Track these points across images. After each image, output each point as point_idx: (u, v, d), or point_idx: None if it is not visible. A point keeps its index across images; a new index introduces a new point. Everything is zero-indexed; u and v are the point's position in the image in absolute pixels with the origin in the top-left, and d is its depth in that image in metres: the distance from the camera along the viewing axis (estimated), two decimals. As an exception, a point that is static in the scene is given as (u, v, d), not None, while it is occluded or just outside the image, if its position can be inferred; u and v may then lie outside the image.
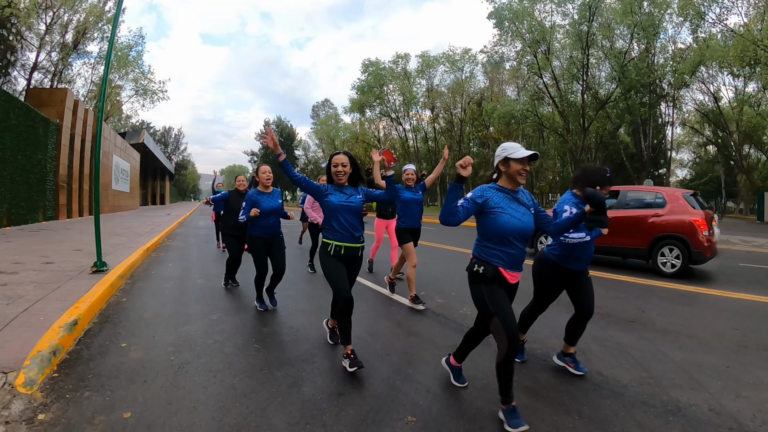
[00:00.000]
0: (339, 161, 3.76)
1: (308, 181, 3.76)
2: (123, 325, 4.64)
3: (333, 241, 3.66)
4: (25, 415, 2.69)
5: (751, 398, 3.20)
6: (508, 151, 2.88)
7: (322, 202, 3.71)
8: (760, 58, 24.75)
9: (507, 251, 2.82)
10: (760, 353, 4.18)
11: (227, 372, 3.46)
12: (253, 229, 5.38)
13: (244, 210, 5.26)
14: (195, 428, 2.60)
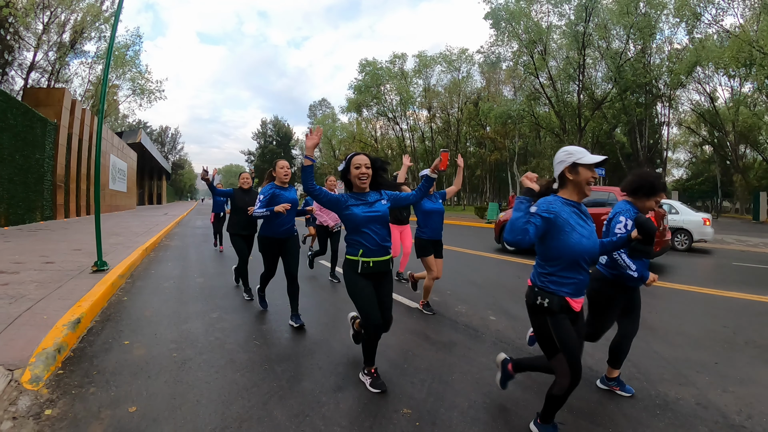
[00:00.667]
0: (362, 162, 3.25)
1: (326, 194, 3.23)
2: (125, 324, 4.72)
3: (359, 257, 3.22)
4: (32, 410, 2.77)
5: (737, 393, 3.29)
6: (576, 156, 2.48)
7: (344, 215, 3.25)
8: (755, 59, 24.94)
9: (576, 278, 2.47)
10: (748, 350, 4.27)
11: (229, 367, 3.55)
12: (265, 229, 4.93)
13: (261, 203, 4.81)
14: (199, 421, 2.69)
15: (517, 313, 5.45)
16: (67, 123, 20.09)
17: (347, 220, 3.24)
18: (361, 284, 3.22)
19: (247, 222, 6.03)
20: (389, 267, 3.34)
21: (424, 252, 5.43)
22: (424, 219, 5.47)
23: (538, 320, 2.52)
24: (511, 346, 4.27)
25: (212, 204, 11.74)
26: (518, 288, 7.00)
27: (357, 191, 3.32)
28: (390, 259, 3.35)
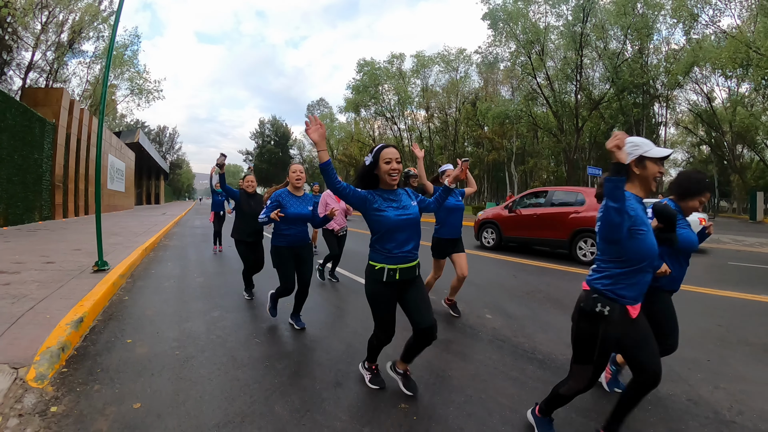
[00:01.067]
0: (392, 156, 2.88)
1: (354, 192, 2.89)
2: (127, 322, 4.78)
3: (385, 264, 2.89)
4: (37, 407, 2.82)
5: (729, 390, 3.35)
6: (644, 148, 2.30)
7: (373, 216, 2.89)
8: (752, 59, 25.05)
9: (642, 281, 2.28)
10: (741, 348, 4.32)
11: (230, 365, 3.62)
12: (277, 239, 4.56)
13: (266, 209, 4.47)
14: (202, 417, 2.76)
15: (513, 312, 5.53)
16: (65, 123, 20.10)
17: (376, 222, 2.88)
18: (384, 295, 2.95)
19: (252, 228, 5.82)
20: (417, 273, 3.04)
21: (441, 253, 5.23)
22: (445, 217, 5.19)
23: (589, 327, 2.31)
24: (507, 344, 4.34)
25: (211, 203, 11.44)
26: (515, 287, 7.08)
27: (385, 188, 2.97)
28: (417, 264, 3.03)
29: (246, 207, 5.92)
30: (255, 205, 5.90)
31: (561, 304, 5.96)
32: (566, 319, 4.77)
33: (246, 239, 5.87)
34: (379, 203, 2.88)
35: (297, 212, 4.52)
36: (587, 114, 33.68)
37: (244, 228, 5.88)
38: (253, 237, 5.88)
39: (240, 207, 5.99)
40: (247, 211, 5.86)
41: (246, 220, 5.81)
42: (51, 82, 28.13)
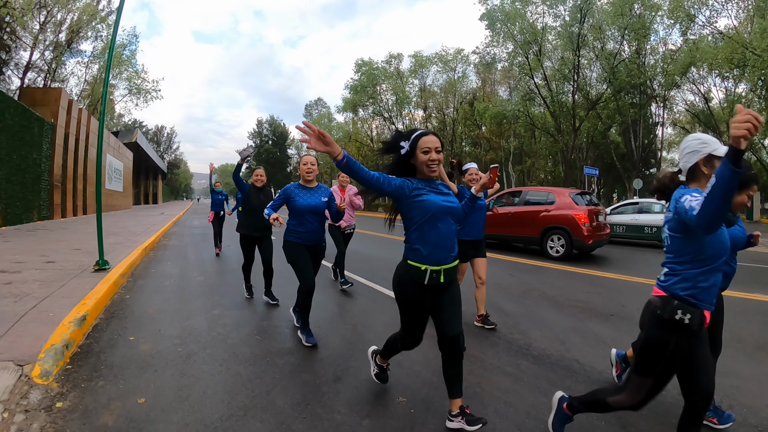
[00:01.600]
0: (433, 145, 2.57)
1: (389, 180, 2.50)
2: (129, 321, 4.85)
3: (426, 264, 2.53)
4: (43, 403, 2.88)
5: (719, 385, 3.18)
6: (712, 146, 2.15)
7: (413, 202, 2.54)
8: (748, 60, 25.17)
9: (716, 282, 2.09)
10: (733, 345, 4.35)
11: (232, 361, 3.70)
12: (289, 234, 4.39)
13: (273, 202, 4.45)
14: (206, 410, 2.84)
15: (509, 310, 5.65)
16: (63, 123, 20.10)
17: (417, 208, 2.52)
18: (420, 300, 2.63)
19: (261, 223, 5.59)
20: (456, 274, 2.73)
21: (462, 256, 4.71)
22: (468, 218, 4.39)
23: (662, 337, 2.09)
24: (502, 340, 4.43)
25: (211, 202, 11.01)
26: (511, 286, 7.17)
27: (423, 177, 2.65)
28: (458, 264, 2.84)
29: (255, 201, 5.65)
30: (264, 199, 5.65)
31: (556, 302, 6.05)
32: (561, 317, 4.88)
33: (253, 234, 5.76)
34: (419, 187, 2.56)
35: (308, 203, 4.32)
36: (584, 114, 33.77)
37: (251, 223, 5.69)
38: (260, 232, 5.74)
39: (248, 201, 5.70)
40: (255, 205, 5.57)
41: (254, 214, 5.56)
42: (49, 82, 28.13)
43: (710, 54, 27.78)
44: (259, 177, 5.90)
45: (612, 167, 40.05)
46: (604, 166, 43.16)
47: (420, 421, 2.74)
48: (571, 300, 6.14)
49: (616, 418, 2.83)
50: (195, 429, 2.60)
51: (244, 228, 5.80)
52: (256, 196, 5.71)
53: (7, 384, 3.01)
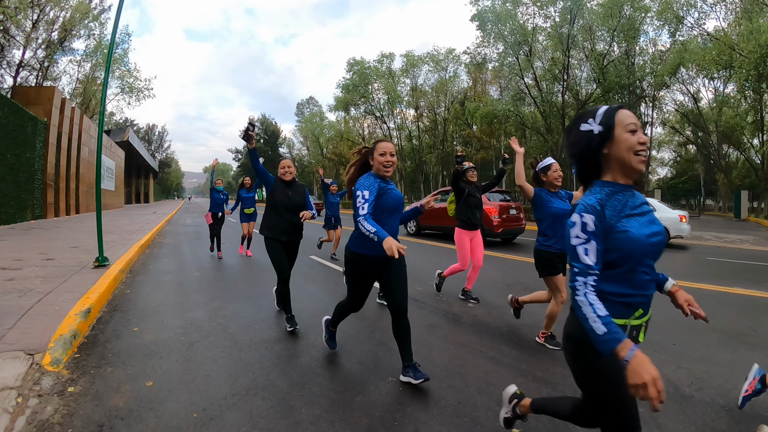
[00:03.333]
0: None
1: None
2: (132, 313, 5.06)
3: (627, 319, 1.68)
4: (55, 388, 3.09)
5: (691, 369, 3.62)
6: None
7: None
8: (734, 61, 25.57)
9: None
10: (707, 334, 4.58)
11: (233, 347, 3.94)
12: (359, 244, 3.27)
13: (367, 202, 3.03)
14: (211, 391, 3.07)
15: (494, 302, 5.91)
16: (56, 121, 20.18)
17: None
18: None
19: (290, 224, 4.74)
20: None
21: (552, 269, 4.18)
22: (552, 224, 4.13)
23: None
24: (486, 328, 4.70)
25: (210, 202, 10.28)
26: (497, 280, 7.43)
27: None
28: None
29: (280, 197, 4.80)
30: (294, 195, 4.84)
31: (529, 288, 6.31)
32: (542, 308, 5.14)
33: (280, 237, 4.73)
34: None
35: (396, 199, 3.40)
36: (574, 114, 34.09)
37: (278, 223, 4.76)
38: (288, 236, 4.75)
39: (273, 198, 4.84)
40: (282, 202, 4.76)
41: (281, 214, 4.76)
42: (41, 80, 28.11)
43: (698, 55, 28.19)
44: (287, 170, 4.93)
45: (601, 166, 40.39)
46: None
47: (407, 397, 2.99)
48: (529, 286, 6.44)
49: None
50: (202, 407, 2.83)
51: (269, 230, 4.81)
52: (282, 192, 4.82)
53: (19, 371, 3.20)
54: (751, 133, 34.33)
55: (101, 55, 31.92)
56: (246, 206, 10.17)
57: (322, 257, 9.62)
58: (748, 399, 2.92)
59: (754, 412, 2.90)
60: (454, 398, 3.01)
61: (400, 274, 3.30)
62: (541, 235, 4.21)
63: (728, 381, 3.35)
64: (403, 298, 3.25)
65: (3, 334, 3.78)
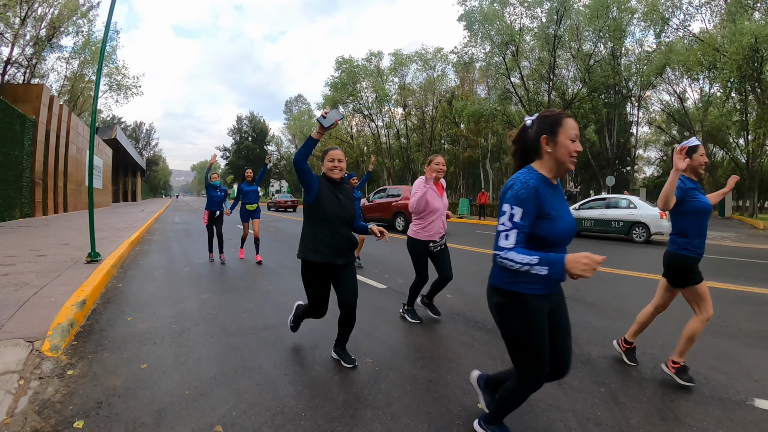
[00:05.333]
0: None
1: None
2: (125, 305, 5.29)
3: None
4: (55, 372, 3.31)
5: (654, 354, 3.85)
6: None
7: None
8: (717, 62, 26.05)
9: None
10: (675, 324, 4.69)
11: (222, 334, 4.21)
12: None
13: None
14: (201, 372, 3.33)
15: (470, 293, 6.23)
16: (45, 119, 20.14)
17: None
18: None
19: (347, 242, 3.42)
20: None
21: (693, 278, 3.43)
22: (693, 223, 3.38)
23: None
24: (461, 316, 5.00)
25: (206, 200, 9.03)
26: (476, 273, 7.76)
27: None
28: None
29: (328, 203, 3.35)
30: (346, 201, 3.48)
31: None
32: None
33: (335, 260, 3.35)
34: None
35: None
36: (560, 113, 34.48)
37: (329, 240, 3.33)
38: (346, 256, 3.43)
39: (321, 206, 3.34)
40: (330, 210, 3.34)
41: (336, 228, 3.35)
42: (29, 78, 27.99)
43: (683, 56, 28.67)
44: (337, 164, 3.44)
45: (587, 165, 41.08)
46: (580, 164, 44.15)
47: (382, 376, 3.27)
48: None
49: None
50: (193, 385, 3.09)
51: (315, 250, 3.34)
52: (332, 198, 3.39)
53: (20, 357, 3.41)
54: (736, 132, 34.97)
55: (89, 52, 31.86)
56: (248, 201, 8.79)
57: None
58: None
59: (713, 394, 3.14)
60: (426, 377, 3.29)
61: None
62: (680, 236, 3.45)
63: (691, 365, 3.52)
64: None
65: (2, 323, 3.99)
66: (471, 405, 2.87)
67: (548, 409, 2.86)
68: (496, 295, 2.20)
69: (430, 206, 4.53)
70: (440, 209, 4.61)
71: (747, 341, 4.34)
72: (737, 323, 4.96)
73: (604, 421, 2.70)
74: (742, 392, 3.16)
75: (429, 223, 4.59)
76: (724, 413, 2.84)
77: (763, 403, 2.98)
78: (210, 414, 2.69)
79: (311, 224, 3.41)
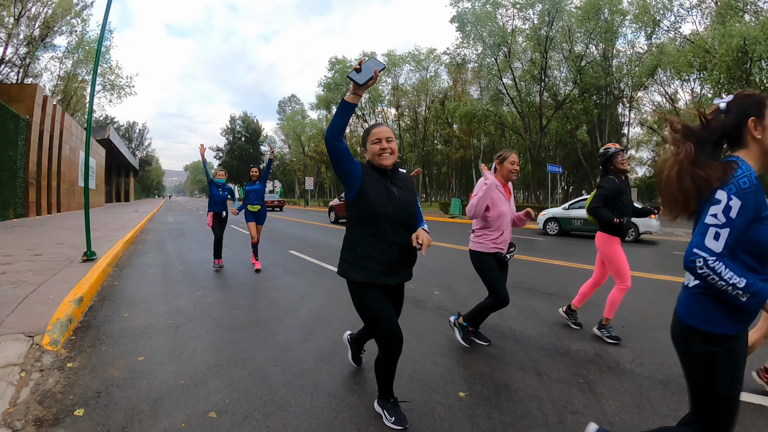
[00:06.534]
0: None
1: None
2: (121, 302, 5.44)
3: None
4: (55, 364, 3.45)
5: (635, 348, 3.96)
6: None
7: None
8: (707, 64, 26.34)
9: None
10: (657, 319, 4.89)
11: (216, 329, 4.37)
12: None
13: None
14: (197, 363, 3.48)
15: (458, 290, 6.38)
16: (38, 119, 20.18)
17: None
18: None
19: (401, 253, 2.59)
20: None
21: None
22: None
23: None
24: (447, 312, 5.14)
25: (209, 200, 8.34)
26: (464, 271, 7.80)
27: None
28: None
29: (382, 202, 2.48)
30: (404, 195, 2.59)
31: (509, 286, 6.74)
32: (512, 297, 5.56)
33: (383, 280, 2.56)
34: None
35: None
36: (551, 114, 34.83)
37: (375, 250, 2.52)
38: (400, 274, 2.68)
39: (368, 201, 2.47)
40: (386, 211, 2.49)
41: (386, 234, 2.51)
42: (23, 77, 27.94)
43: (674, 57, 28.94)
44: (385, 144, 2.53)
45: (579, 165, 41.40)
46: (571, 164, 44.51)
47: (369, 367, 3.42)
48: (517, 282, 6.84)
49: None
50: (188, 375, 3.24)
51: (354, 264, 2.59)
52: (378, 188, 2.52)
53: (21, 351, 3.55)
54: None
55: (83, 52, 31.81)
56: (251, 202, 8.00)
57: (301, 252, 10.03)
58: None
59: None
60: (411, 368, 3.46)
61: None
62: None
63: (669, 358, 3.67)
64: None
65: (2, 319, 4.12)
66: (452, 392, 3.04)
67: (526, 398, 3.00)
68: (698, 341, 1.65)
69: (497, 210, 3.81)
70: (507, 214, 3.89)
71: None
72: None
73: (580, 410, 2.83)
74: (718, 385, 3.28)
75: (497, 231, 3.87)
76: (699, 404, 2.95)
77: (738, 394, 3.09)
78: (204, 402, 2.84)
79: (353, 229, 2.60)
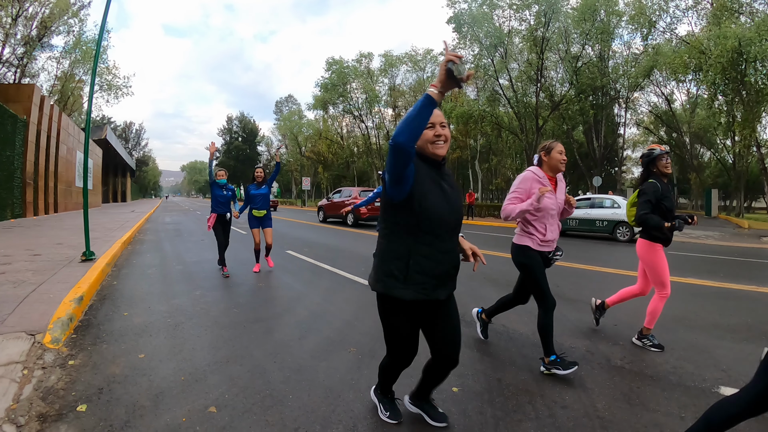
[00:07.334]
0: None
1: None
2: (120, 301, 5.51)
3: None
4: (57, 362, 3.51)
5: (626, 347, 4.03)
6: None
7: None
8: (702, 65, 26.49)
9: None
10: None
11: (215, 327, 4.45)
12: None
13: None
14: (196, 360, 3.56)
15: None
16: (36, 119, 20.17)
17: None
18: None
19: (453, 260, 2.35)
20: None
21: None
22: None
23: None
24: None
25: (211, 201, 7.92)
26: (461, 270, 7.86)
27: None
28: None
29: (432, 199, 2.16)
30: (453, 192, 2.34)
31: (497, 283, 6.89)
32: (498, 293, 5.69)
33: (435, 295, 2.26)
34: None
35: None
36: (547, 114, 34.96)
37: (429, 262, 2.21)
38: (448, 287, 2.36)
39: (418, 201, 2.11)
40: (440, 212, 2.19)
41: (438, 238, 2.22)
42: (20, 77, 27.92)
43: (670, 58, 29.10)
44: (440, 131, 2.35)
45: (575, 166, 41.56)
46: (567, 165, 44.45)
47: (365, 364, 3.52)
48: (510, 281, 6.76)
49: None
50: (188, 372, 3.32)
51: (404, 280, 2.20)
52: (433, 185, 2.22)
53: (23, 349, 3.62)
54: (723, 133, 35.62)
55: (80, 52, 31.78)
56: (256, 206, 7.62)
57: (297, 251, 10.11)
58: None
59: (680, 381, 3.33)
60: (405, 364, 3.54)
61: None
62: None
63: (659, 356, 3.77)
64: None
65: (4, 318, 4.18)
66: (445, 387, 3.12)
67: (518, 393, 3.09)
68: None
69: (545, 205, 3.51)
70: (555, 210, 3.61)
71: (718, 334, 4.52)
72: (711, 317, 5.17)
73: (570, 405, 2.91)
74: (709, 380, 3.34)
75: (544, 227, 3.57)
76: (689, 399, 3.01)
77: (728, 390, 3.10)
78: (204, 397, 2.92)
79: (398, 235, 2.20)
